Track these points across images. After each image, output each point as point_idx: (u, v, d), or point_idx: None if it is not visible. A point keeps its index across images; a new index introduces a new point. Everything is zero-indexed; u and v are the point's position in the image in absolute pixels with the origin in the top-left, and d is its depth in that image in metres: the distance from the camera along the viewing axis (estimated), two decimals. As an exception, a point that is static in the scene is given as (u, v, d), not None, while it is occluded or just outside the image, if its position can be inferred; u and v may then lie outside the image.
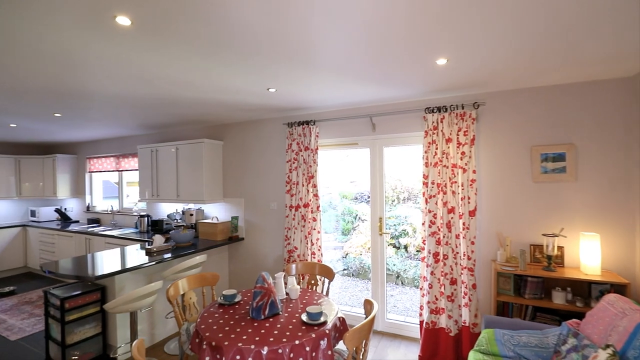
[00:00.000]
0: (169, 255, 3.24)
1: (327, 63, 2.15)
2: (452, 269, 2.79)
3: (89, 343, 2.81)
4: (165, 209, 4.78)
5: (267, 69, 2.25)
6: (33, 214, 5.93)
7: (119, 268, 2.75)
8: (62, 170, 5.78)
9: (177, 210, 4.56)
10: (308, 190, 3.44)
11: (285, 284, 2.51)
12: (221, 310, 2.17)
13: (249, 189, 4.07)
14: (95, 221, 5.51)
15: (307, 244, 3.43)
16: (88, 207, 5.79)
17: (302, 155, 3.49)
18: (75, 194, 5.96)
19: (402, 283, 5.02)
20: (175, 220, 4.47)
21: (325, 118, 3.48)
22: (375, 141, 3.36)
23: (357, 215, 5.72)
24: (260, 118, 3.94)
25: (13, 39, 1.74)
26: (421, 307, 2.91)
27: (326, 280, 2.83)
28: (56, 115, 3.56)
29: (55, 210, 5.84)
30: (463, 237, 2.73)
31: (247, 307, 2.18)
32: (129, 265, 2.86)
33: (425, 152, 2.91)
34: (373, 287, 3.40)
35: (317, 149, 3.44)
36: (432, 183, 2.86)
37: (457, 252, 2.79)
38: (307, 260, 3.43)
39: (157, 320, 3.24)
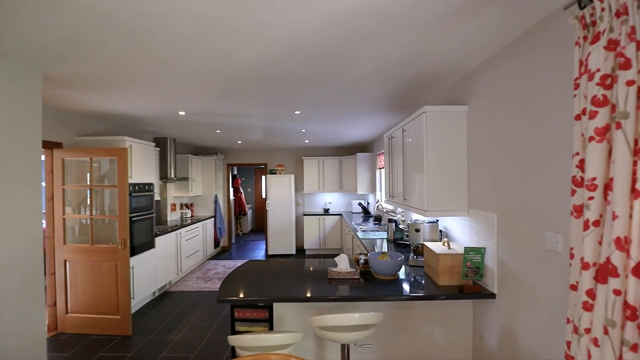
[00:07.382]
0: (343, 288, 2.15)
1: None
2: None
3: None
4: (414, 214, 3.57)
5: None
6: (351, 205, 6.92)
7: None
8: (361, 168, 6.23)
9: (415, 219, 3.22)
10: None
11: None
12: None
13: (504, 194, 1.91)
14: (377, 219, 5.36)
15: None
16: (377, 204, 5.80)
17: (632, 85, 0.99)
18: (371, 190, 6.20)
19: None
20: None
21: None
22: None
23: None
24: (521, 32, 1.69)
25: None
26: None
27: None
28: (296, 112, 3.58)
29: (359, 204, 6.42)
30: None
31: None
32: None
33: None
34: None
35: None
36: None
37: None
38: None
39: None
